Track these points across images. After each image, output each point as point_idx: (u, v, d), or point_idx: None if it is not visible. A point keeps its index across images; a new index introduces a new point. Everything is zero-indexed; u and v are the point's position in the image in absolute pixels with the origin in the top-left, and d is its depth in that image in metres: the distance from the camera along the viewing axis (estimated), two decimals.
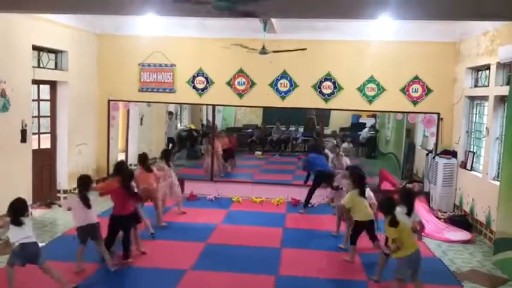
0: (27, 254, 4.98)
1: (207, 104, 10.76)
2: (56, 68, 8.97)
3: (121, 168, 6.65)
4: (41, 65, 8.52)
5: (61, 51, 8.97)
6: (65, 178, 9.14)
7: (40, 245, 5.41)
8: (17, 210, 5.02)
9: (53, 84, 9.00)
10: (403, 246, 4.98)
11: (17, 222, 4.97)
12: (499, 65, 7.46)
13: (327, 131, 12.85)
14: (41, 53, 8.50)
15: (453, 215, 8.43)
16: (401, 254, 5.00)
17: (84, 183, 5.84)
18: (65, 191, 9.16)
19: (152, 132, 12.36)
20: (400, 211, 5.33)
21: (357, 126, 14.64)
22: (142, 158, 7.74)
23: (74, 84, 9.26)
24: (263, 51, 8.30)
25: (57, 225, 7.73)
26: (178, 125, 14.38)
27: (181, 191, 9.00)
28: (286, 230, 7.93)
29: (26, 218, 5.06)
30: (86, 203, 5.70)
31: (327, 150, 10.21)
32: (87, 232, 5.74)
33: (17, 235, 4.99)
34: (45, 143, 9.01)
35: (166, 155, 8.64)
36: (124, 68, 10.12)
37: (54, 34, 8.57)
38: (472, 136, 8.85)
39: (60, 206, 7.47)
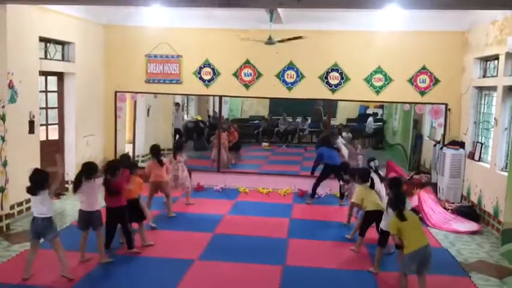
0: (37, 227, 5.16)
1: (213, 95, 10.77)
2: (63, 59, 9.00)
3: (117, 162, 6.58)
4: (48, 57, 8.54)
5: (68, 43, 8.99)
6: (72, 169, 9.18)
7: None
8: (33, 181, 5.14)
9: (60, 76, 9.03)
10: (406, 240, 4.97)
11: (33, 192, 5.12)
12: (508, 55, 7.39)
13: (334, 122, 12.84)
14: (48, 44, 8.52)
15: (461, 206, 8.41)
16: (407, 250, 5.00)
17: (87, 169, 5.80)
18: (73, 182, 9.20)
19: (159, 123, 12.40)
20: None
21: (365, 117, 14.62)
22: (155, 151, 7.76)
23: (81, 75, 9.29)
24: (269, 41, 8.27)
25: (65, 215, 7.80)
26: (185, 116, 14.43)
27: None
28: (293, 220, 7.95)
29: (44, 191, 5.14)
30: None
31: (339, 143, 10.17)
32: (85, 219, 5.77)
33: (33, 207, 5.22)
34: (53, 134, 9.06)
35: (177, 147, 8.65)
36: (131, 59, 10.13)
37: (61, 25, 8.58)
38: (480, 127, 8.79)
39: None
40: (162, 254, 6.17)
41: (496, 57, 7.94)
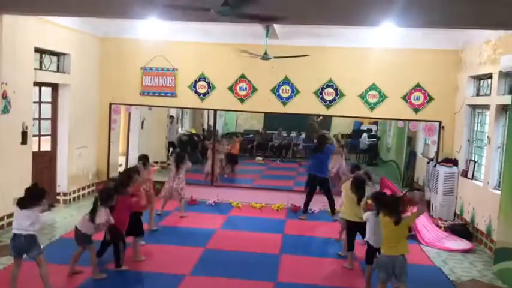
0: (19, 244, 4.96)
1: (208, 109, 10.76)
2: (58, 70, 8.98)
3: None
4: (43, 68, 8.53)
5: (63, 54, 8.98)
6: (64, 181, 9.12)
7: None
8: (29, 195, 5.03)
9: (54, 87, 9.00)
10: (384, 242, 4.96)
11: (23, 206, 4.97)
12: (501, 74, 7.45)
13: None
14: (43, 55, 8.51)
15: (454, 224, 8.40)
16: (382, 250, 5.00)
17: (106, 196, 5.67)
18: (64, 194, 9.15)
19: (153, 136, 12.38)
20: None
21: (359, 132, 14.67)
22: (144, 160, 7.71)
23: (76, 87, 9.27)
24: (265, 56, 8.31)
25: (56, 227, 7.71)
26: (180, 129, 14.40)
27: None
28: (286, 236, 7.90)
29: (35, 207, 5.00)
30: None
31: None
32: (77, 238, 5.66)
33: (15, 221, 5.02)
34: (46, 145, 9.00)
35: (179, 159, 8.60)
36: (126, 72, 10.13)
37: (56, 37, 8.58)
38: (473, 145, 8.83)
39: None
40: (153, 269, 6.09)
41: (489, 76, 8.01)
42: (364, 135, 14.32)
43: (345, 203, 6.64)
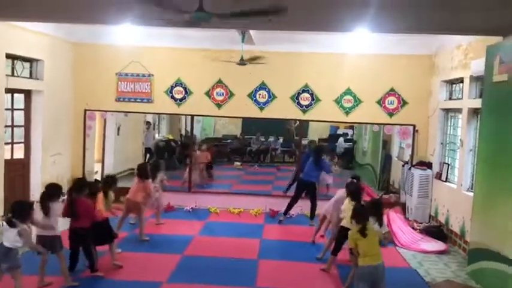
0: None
1: (185, 115, 10.73)
2: (30, 76, 8.82)
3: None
4: (15, 74, 8.36)
5: (36, 60, 8.83)
6: (38, 189, 8.92)
7: None
8: (15, 212, 4.95)
9: (27, 93, 8.84)
10: (363, 255, 4.99)
11: (12, 224, 4.87)
12: (472, 78, 7.62)
13: (305, 141, 12.93)
14: (15, 61, 8.35)
15: (429, 226, 8.53)
16: (360, 262, 5.02)
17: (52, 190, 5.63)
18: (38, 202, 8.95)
19: (129, 142, 12.25)
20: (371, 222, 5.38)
21: (336, 137, 14.81)
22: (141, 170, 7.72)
23: (50, 93, 9.11)
24: (242, 62, 8.34)
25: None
26: (156, 135, 14.30)
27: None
28: (264, 241, 7.90)
29: (23, 224, 4.90)
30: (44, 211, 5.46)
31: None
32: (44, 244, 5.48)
33: (5, 238, 4.92)
34: (19, 153, 8.81)
35: (155, 167, 8.52)
36: (101, 78, 10.01)
37: (29, 42, 8.44)
38: (446, 148, 8.99)
39: None
40: (129, 277, 6.01)
41: (461, 81, 8.19)
42: (341, 139, 14.48)
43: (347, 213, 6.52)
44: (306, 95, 9.79)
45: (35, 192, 8.86)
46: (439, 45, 8.94)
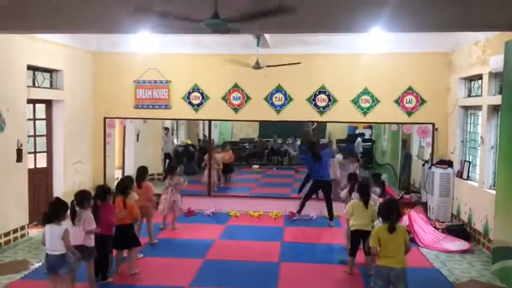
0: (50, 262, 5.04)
1: (203, 120, 10.81)
2: (51, 87, 9.00)
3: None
4: (36, 85, 8.55)
5: (56, 70, 9.00)
6: (61, 197, 9.07)
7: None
8: (52, 209, 5.11)
9: (48, 103, 9.02)
10: (384, 255, 4.88)
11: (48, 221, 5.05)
12: (491, 75, 7.53)
13: (325, 142, 12.92)
14: (36, 72, 8.53)
15: (451, 225, 8.43)
16: (379, 262, 4.94)
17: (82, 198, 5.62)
18: None
19: (149, 148, 12.38)
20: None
21: (354, 137, 14.73)
22: (138, 173, 7.64)
23: (70, 102, 9.29)
24: (257, 66, 8.38)
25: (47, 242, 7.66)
26: (175, 140, 14.43)
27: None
28: (285, 244, 7.90)
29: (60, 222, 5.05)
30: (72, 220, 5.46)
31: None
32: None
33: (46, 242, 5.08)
34: (41, 162, 8.99)
35: (167, 170, 8.57)
36: (119, 85, 10.16)
37: (49, 53, 8.62)
38: (467, 145, 8.88)
39: None
40: (152, 282, 6.08)
41: (479, 77, 8.09)
42: (359, 139, 14.39)
43: (355, 214, 6.45)
44: (323, 96, 9.78)
45: None
46: (456, 42, 8.84)
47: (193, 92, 10.08)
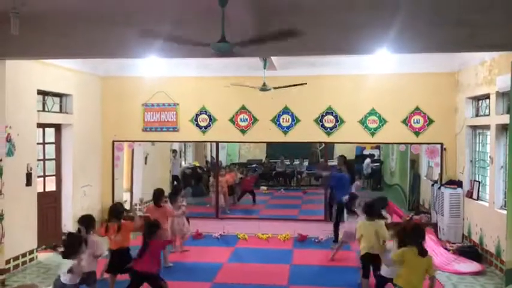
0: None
1: (210, 141, 10.85)
2: (60, 111, 9.11)
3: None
4: (46, 109, 8.65)
5: (66, 95, 9.12)
6: (70, 220, 9.11)
7: None
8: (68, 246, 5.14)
9: (57, 127, 9.11)
10: (406, 283, 4.81)
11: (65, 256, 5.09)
12: (498, 94, 7.51)
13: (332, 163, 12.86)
14: (46, 97, 8.65)
15: (462, 246, 8.32)
16: (399, 282, 4.86)
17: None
18: None
19: (157, 170, 12.40)
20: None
21: (362, 158, 14.67)
22: (156, 194, 7.66)
23: (79, 126, 9.38)
24: (264, 88, 8.44)
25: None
26: (183, 162, 14.46)
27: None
28: (293, 266, 7.84)
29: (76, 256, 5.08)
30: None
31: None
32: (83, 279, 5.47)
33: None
34: (50, 186, 9.04)
35: (172, 192, 8.56)
36: (128, 109, 10.26)
37: (58, 78, 8.74)
38: (476, 165, 8.82)
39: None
40: None
41: (487, 97, 8.08)
42: (368, 160, 14.34)
43: (363, 238, 6.36)
44: (330, 117, 9.80)
45: (67, 224, 9.04)
46: (462, 62, 8.87)
47: (200, 114, 10.14)
